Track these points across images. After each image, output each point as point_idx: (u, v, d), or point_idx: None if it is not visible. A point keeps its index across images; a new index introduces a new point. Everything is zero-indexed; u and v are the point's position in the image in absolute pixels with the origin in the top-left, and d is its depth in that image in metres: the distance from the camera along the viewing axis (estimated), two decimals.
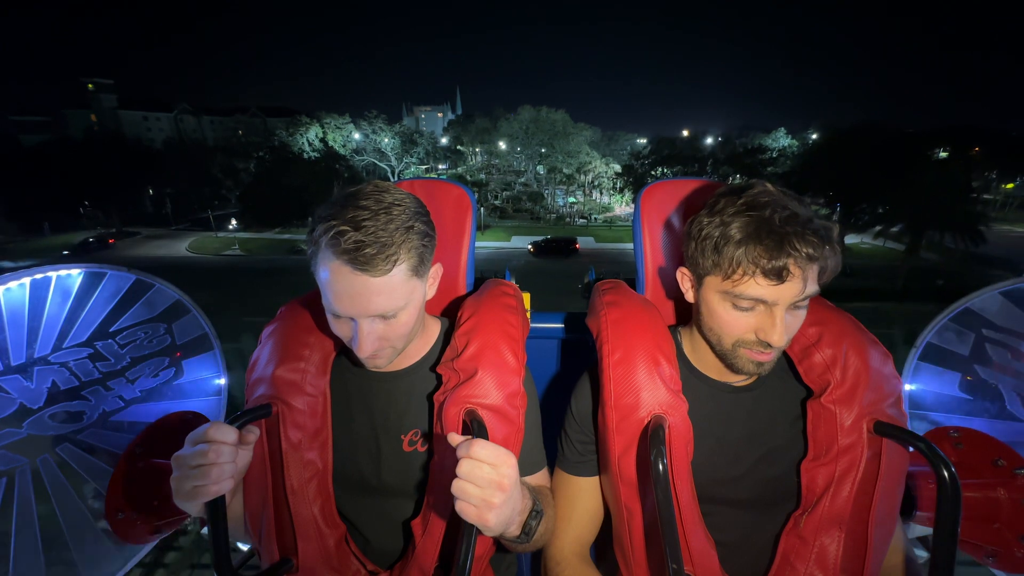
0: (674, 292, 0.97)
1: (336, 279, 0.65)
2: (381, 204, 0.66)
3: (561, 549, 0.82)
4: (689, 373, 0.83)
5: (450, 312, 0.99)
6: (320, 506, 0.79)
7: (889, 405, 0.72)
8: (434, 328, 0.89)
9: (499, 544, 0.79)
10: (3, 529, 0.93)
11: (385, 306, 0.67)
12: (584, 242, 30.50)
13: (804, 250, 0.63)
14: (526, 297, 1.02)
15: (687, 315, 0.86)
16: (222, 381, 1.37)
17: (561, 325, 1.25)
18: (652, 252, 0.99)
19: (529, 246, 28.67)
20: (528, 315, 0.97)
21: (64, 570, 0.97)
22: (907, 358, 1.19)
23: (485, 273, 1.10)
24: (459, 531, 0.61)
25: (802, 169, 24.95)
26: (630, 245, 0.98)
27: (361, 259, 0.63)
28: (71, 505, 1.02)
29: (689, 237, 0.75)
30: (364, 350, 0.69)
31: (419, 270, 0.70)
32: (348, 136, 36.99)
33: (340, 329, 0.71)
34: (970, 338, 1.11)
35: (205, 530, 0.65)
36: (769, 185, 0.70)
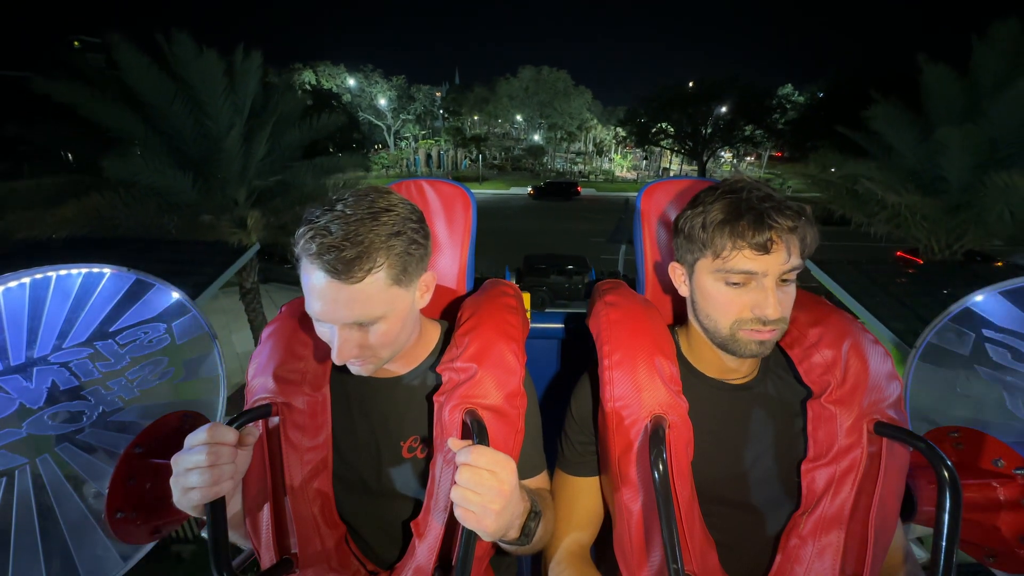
0: (674, 291, 0.97)
1: (314, 284, 0.63)
2: (369, 209, 0.65)
3: (561, 549, 0.82)
4: (688, 373, 0.83)
5: (450, 312, 0.99)
6: (320, 506, 0.79)
7: (889, 405, 0.72)
8: (433, 332, 0.88)
9: (499, 546, 0.79)
10: (3, 529, 0.93)
11: (361, 314, 0.65)
12: (586, 192, 30.61)
13: (784, 222, 0.68)
14: (526, 297, 1.02)
15: (686, 315, 0.86)
16: (222, 381, 1.37)
17: (561, 325, 1.25)
18: (652, 251, 0.99)
19: (529, 189, 28.74)
20: (528, 315, 0.97)
21: (64, 570, 0.97)
22: (907, 358, 1.19)
23: (484, 268, 1.10)
24: (458, 533, 0.62)
25: (812, 117, 22.51)
26: (631, 193, 0.99)
27: (335, 264, 0.61)
28: (71, 505, 1.01)
29: (677, 230, 0.80)
30: (340, 357, 0.67)
31: (402, 279, 0.68)
32: (343, 84, 36.43)
33: (322, 334, 0.69)
34: (970, 338, 1.11)
35: (205, 531, 0.65)
36: (745, 175, 0.76)
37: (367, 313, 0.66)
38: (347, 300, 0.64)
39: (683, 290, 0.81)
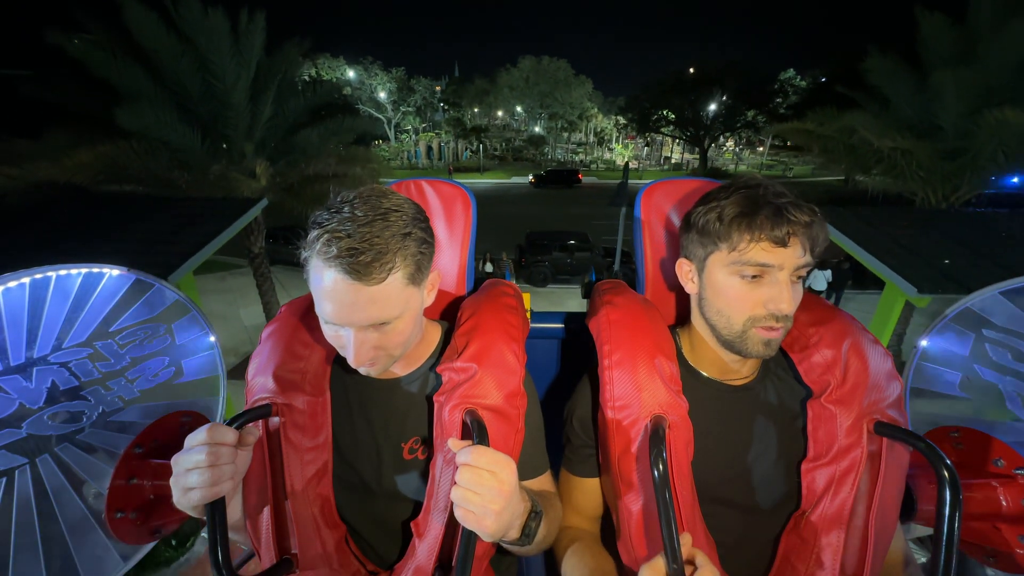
0: (674, 291, 0.97)
1: (330, 288, 0.62)
2: (377, 210, 0.64)
3: (578, 536, 0.84)
4: (688, 374, 0.83)
5: (450, 313, 0.99)
6: (320, 507, 0.79)
7: (889, 405, 0.72)
8: (434, 333, 0.88)
9: (500, 546, 0.79)
10: (3, 529, 0.93)
11: (380, 315, 0.65)
12: (587, 180, 31.14)
13: (801, 217, 0.68)
14: (526, 297, 1.02)
15: (686, 315, 0.86)
16: (222, 381, 1.37)
17: (561, 325, 1.25)
18: (652, 251, 0.99)
19: (530, 178, 29.16)
20: (528, 315, 0.97)
21: (64, 570, 0.97)
22: (907, 358, 1.19)
23: (486, 250, 1.10)
24: (458, 533, 0.62)
25: (815, 101, 23.00)
26: (632, 181, 0.99)
27: (356, 267, 0.61)
28: (71, 505, 1.01)
29: (688, 226, 0.79)
30: (358, 360, 0.68)
31: (416, 278, 0.69)
32: (342, 76, 36.54)
33: (334, 338, 0.69)
34: (970, 338, 1.11)
35: (205, 531, 0.65)
36: (757, 175, 0.76)
37: (385, 314, 0.66)
38: (366, 302, 0.63)
39: (690, 287, 0.81)
